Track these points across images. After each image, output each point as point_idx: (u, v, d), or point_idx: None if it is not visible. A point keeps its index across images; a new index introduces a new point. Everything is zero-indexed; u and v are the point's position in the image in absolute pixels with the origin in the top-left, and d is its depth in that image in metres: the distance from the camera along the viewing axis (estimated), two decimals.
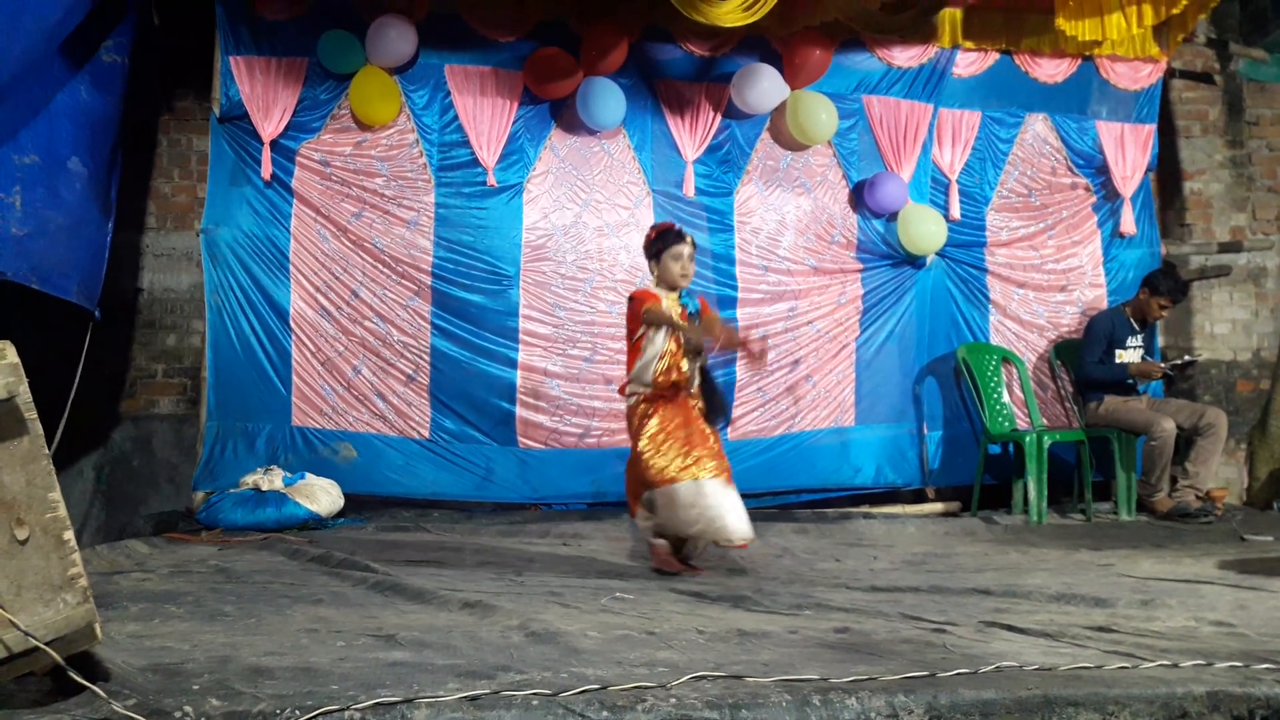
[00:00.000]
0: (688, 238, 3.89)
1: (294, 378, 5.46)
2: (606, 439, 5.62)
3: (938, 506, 5.87)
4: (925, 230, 5.92)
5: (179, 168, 5.85)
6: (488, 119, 5.64)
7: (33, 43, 4.52)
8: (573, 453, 5.62)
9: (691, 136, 5.84)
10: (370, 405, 5.51)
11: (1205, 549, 4.38)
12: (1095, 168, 6.36)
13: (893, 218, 6.01)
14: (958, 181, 6.14)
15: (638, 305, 3.83)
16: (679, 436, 3.68)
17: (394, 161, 5.61)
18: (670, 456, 3.65)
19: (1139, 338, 5.82)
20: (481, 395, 5.59)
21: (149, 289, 5.76)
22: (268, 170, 5.43)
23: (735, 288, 5.87)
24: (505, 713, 1.79)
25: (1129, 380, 5.76)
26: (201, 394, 5.45)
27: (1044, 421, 6.07)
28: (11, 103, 4.61)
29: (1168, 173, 6.55)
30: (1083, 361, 5.82)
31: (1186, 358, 6.11)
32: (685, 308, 3.92)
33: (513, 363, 5.61)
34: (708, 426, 3.80)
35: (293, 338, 5.47)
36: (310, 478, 5.09)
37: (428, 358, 5.57)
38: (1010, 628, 2.63)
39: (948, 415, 6.13)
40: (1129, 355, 5.77)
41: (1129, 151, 6.33)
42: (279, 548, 4.21)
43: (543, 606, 2.93)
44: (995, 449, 5.95)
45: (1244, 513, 5.73)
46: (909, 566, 4.04)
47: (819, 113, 5.78)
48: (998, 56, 6.18)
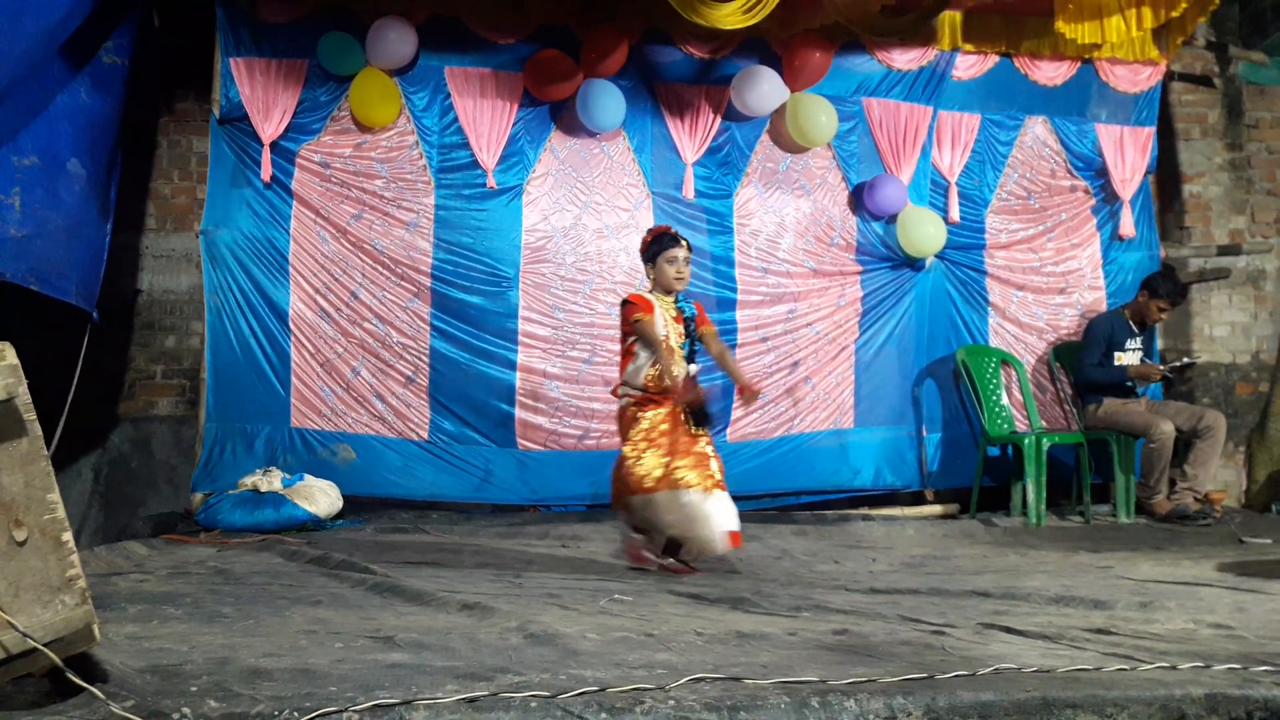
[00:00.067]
0: (683, 242, 3.91)
1: (293, 379, 5.46)
2: (606, 441, 5.61)
3: (936, 509, 5.87)
4: (924, 233, 5.93)
5: (179, 169, 5.85)
6: (487, 121, 5.65)
7: (33, 45, 4.52)
8: (572, 454, 5.62)
9: (691, 139, 5.84)
10: (369, 407, 5.51)
11: (1204, 551, 4.38)
12: (1094, 170, 6.36)
13: (892, 220, 6.01)
14: (957, 184, 6.15)
15: (630, 312, 3.85)
16: (662, 445, 3.72)
17: (394, 163, 5.61)
18: (649, 466, 3.70)
19: (1138, 340, 5.82)
20: (481, 397, 5.59)
21: (148, 290, 5.77)
22: (267, 172, 5.44)
23: (734, 290, 5.87)
24: (504, 714, 1.79)
25: (1128, 383, 5.77)
26: (200, 395, 5.45)
27: (1043, 424, 6.07)
28: (11, 104, 4.62)
29: (1167, 175, 6.56)
30: (1082, 364, 5.83)
31: (1185, 360, 6.11)
32: (681, 311, 3.92)
33: (512, 364, 5.61)
34: (699, 431, 3.79)
35: (292, 339, 5.47)
36: (309, 479, 5.09)
37: (427, 359, 5.57)
38: (1009, 630, 2.64)
39: (947, 417, 6.13)
40: (1128, 358, 5.77)
41: (1128, 154, 6.33)
42: (278, 549, 4.21)
43: (541, 608, 2.93)
44: (994, 451, 5.95)
45: (1243, 515, 5.73)
46: (908, 568, 4.04)
47: (819, 115, 5.79)
48: (997, 59, 6.19)
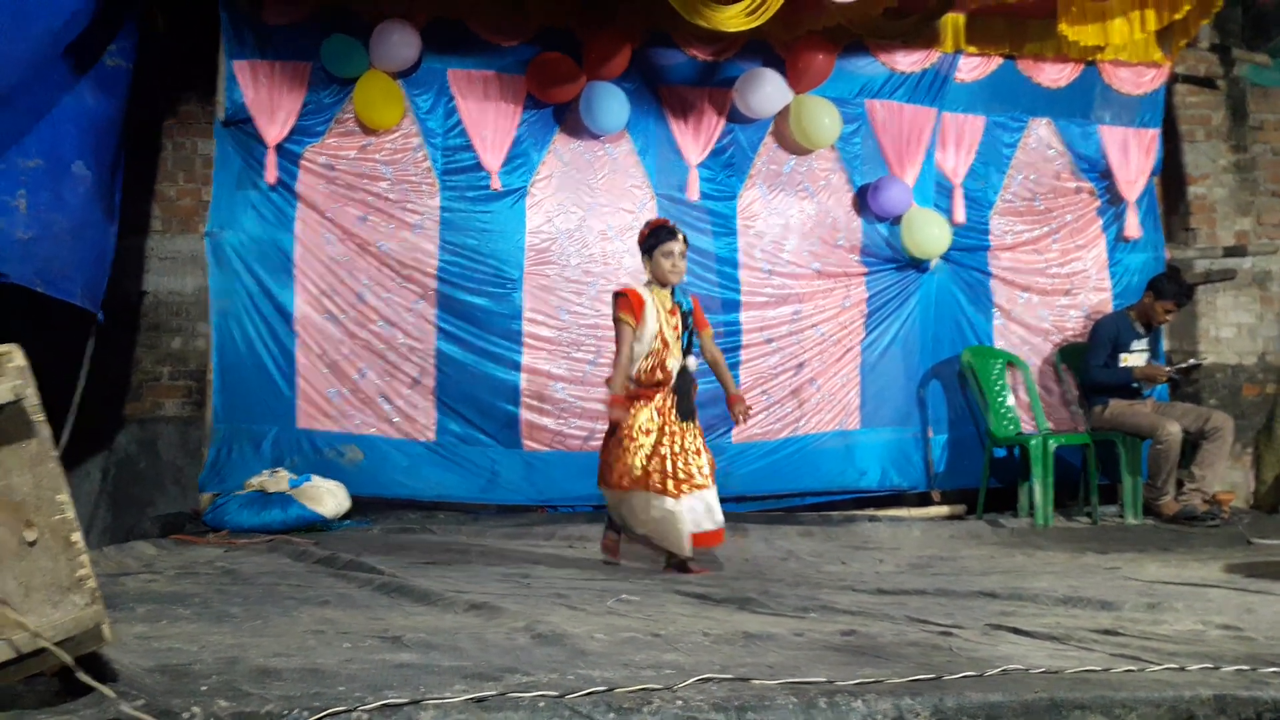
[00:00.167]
0: (680, 235, 3.93)
1: (299, 380, 5.47)
2: None
3: (943, 510, 5.87)
4: (929, 234, 5.92)
5: (184, 171, 5.86)
6: (491, 123, 5.65)
7: (37, 48, 4.54)
8: (577, 455, 5.61)
9: (695, 141, 5.84)
10: (376, 408, 5.52)
11: (1212, 552, 4.38)
12: (1099, 172, 6.36)
13: (897, 221, 6.01)
14: (962, 185, 6.15)
15: (619, 306, 3.89)
16: (645, 445, 3.78)
17: (398, 165, 5.61)
18: (630, 462, 3.76)
19: (1144, 341, 5.81)
20: (486, 398, 5.60)
21: (154, 292, 5.78)
22: (272, 174, 5.44)
23: (739, 291, 5.87)
24: (512, 714, 1.79)
25: (1134, 384, 5.76)
26: (207, 397, 5.46)
27: (1049, 425, 6.06)
28: (16, 107, 4.63)
29: (1172, 177, 6.55)
30: (1088, 365, 5.82)
31: (1191, 361, 6.11)
32: (679, 305, 3.95)
33: (517, 366, 5.62)
34: (687, 424, 3.83)
35: (297, 341, 5.47)
36: (316, 480, 5.09)
37: (433, 361, 5.57)
38: (1016, 630, 2.63)
39: (953, 418, 6.12)
40: (1134, 359, 5.76)
41: (1133, 156, 6.32)
42: (285, 549, 4.22)
43: (549, 608, 2.93)
44: (1000, 452, 5.94)
45: (1250, 516, 5.73)
46: (914, 569, 4.04)
47: (822, 117, 5.79)
48: (1001, 61, 6.18)
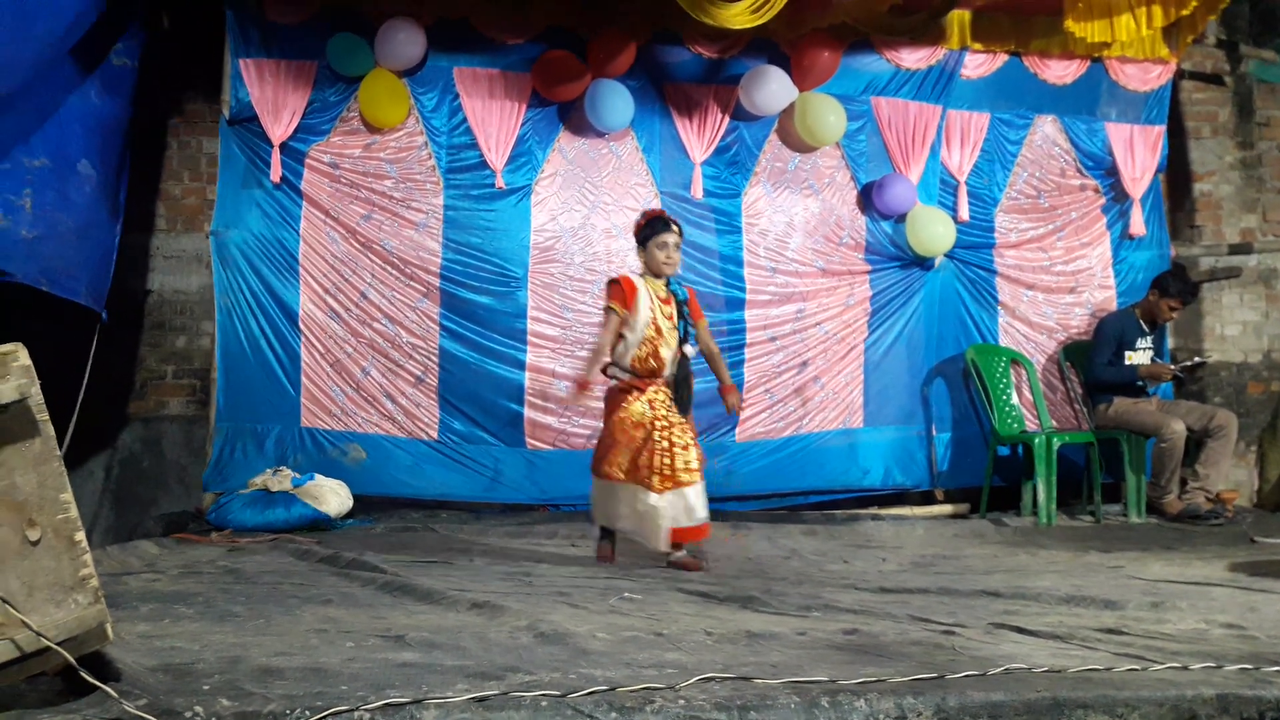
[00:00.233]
0: (674, 226, 3.97)
1: (303, 379, 5.48)
2: None
3: (946, 508, 5.86)
4: (934, 232, 5.91)
5: (189, 170, 5.87)
6: (496, 121, 5.65)
7: (44, 48, 4.54)
8: (581, 454, 5.59)
9: (699, 138, 5.84)
10: (379, 406, 5.53)
11: (1216, 551, 4.37)
12: (1104, 169, 6.34)
13: (901, 219, 6.00)
14: (966, 183, 6.14)
15: (610, 294, 3.95)
16: (637, 438, 3.84)
17: (403, 164, 5.62)
18: (620, 454, 3.84)
19: (1149, 339, 5.80)
20: (490, 397, 5.60)
21: (159, 291, 5.79)
22: (277, 173, 5.45)
23: (743, 289, 5.87)
24: (514, 713, 1.79)
25: (1139, 382, 5.75)
26: (211, 395, 5.47)
27: (1053, 423, 6.06)
28: (22, 107, 4.64)
29: (1177, 174, 6.53)
30: (1092, 363, 5.81)
31: (1196, 359, 6.09)
32: (674, 295, 3.98)
33: (521, 364, 5.62)
34: (678, 418, 3.86)
35: (302, 339, 5.48)
36: (319, 479, 5.10)
37: (436, 359, 5.58)
38: (1019, 630, 2.63)
39: (956, 417, 6.11)
40: (1139, 357, 5.75)
41: (1138, 153, 6.31)
42: (288, 548, 4.22)
43: (551, 607, 2.93)
44: (1004, 451, 5.93)
45: (1254, 515, 5.72)
46: (917, 568, 4.03)
47: (827, 114, 5.78)
48: (1006, 58, 6.17)
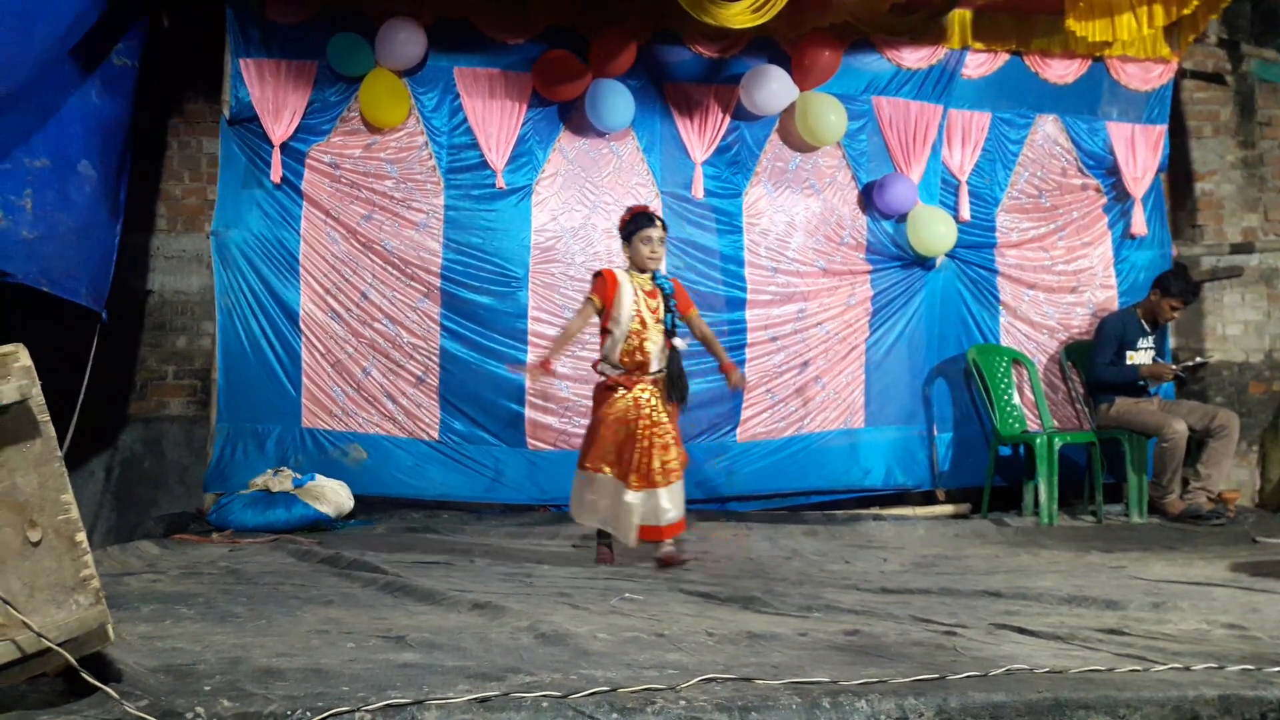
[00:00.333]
0: (658, 221, 4.03)
1: (304, 379, 5.48)
2: None
3: (948, 508, 5.86)
4: (935, 231, 5.91)
5: (189, 170, 5.87)
6: (496, 121, 5.65)
7: (45, 48, 4.54)
8: None
9: (700, 138, 5.84)
10: (380, 407, 5.53)
11: (1217, 551, 4.36)
12: (1106, 169, 6.34)
13: (902, 219, 6.00)
14: (968, 183, 6.13)
15: (592, 287, 4.02)
16: (620, 435, 3.90)
17: (403, 164, 5.62)
18: (602, 449, 3.90)
19: (1150, 339, 5.79)
20: (490, 397, 5.60)
21: (159, 291, 5.79)
22: (278, 173, 5.45)
23: (744, 289, 5.86)
24: (515, 714, 1.79)
25: (1140, 382, 5.74)
26: (212, 396, 5.47)
27: (1055, 423, 6.05)
28: (23, 107, 4.64)
29: (1179, 174, 6.53)
30: (1094, 363, 5.80)
31: (1198, 359, 6.09)
32: (660, 288, 4.03)
33: (522, 364, 5.62)
34: (663, 418, 3.91)
35: (303, 339, 5.48)
36: (320, 479, 5.10)
37: (437, 359, 5.58)
38: (1021, 630, 2.63)
39: (958, 417, 6.11)
40: (1140, 357, 5.74)
41: (1140, 152, 6.30)
42: (289, 549, 4.22)
43: (552, 608, 2.93)
44: (1006, 451, 5.93)
45: (1256, 515, 5.72)
46: (919, 568, 4.03)
47: (828, 114, 5.78)
48: (1007, 57, 6.17)
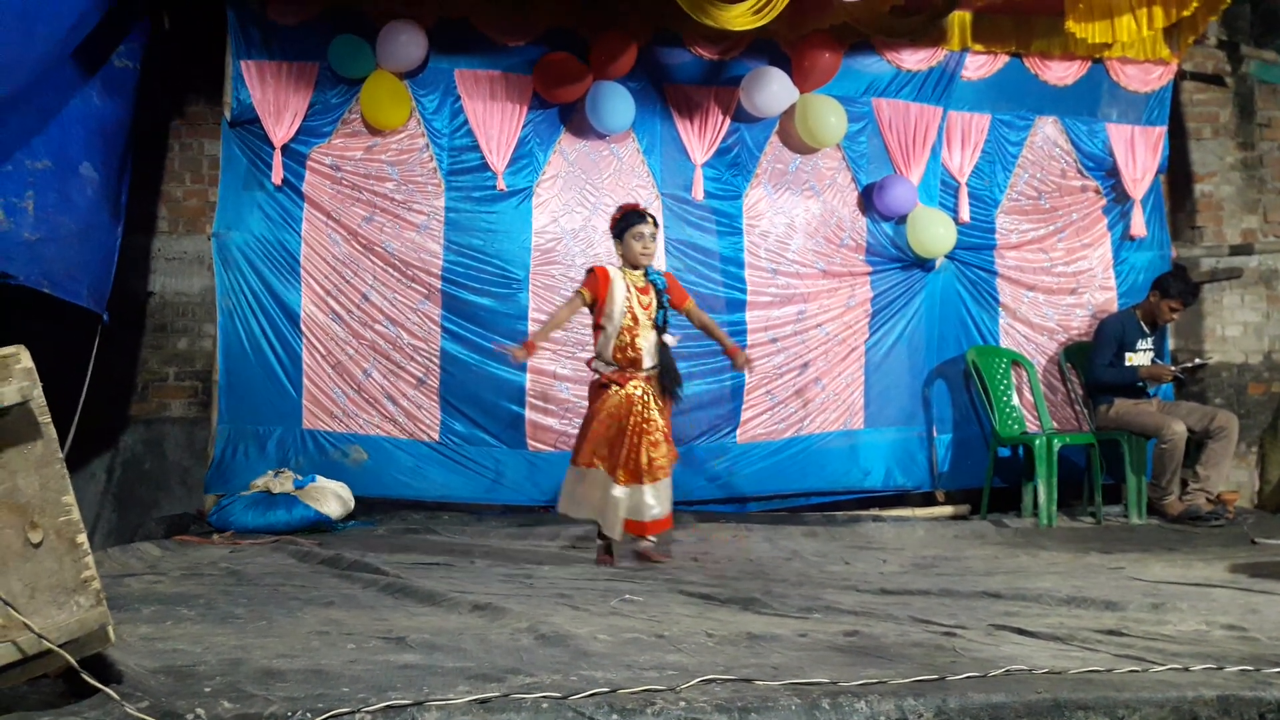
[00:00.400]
0: (649, 218, 4.08)
1: (305, 381, 5.48)
2: None
3: (947, 509, 5.86)
4: (934, 233, 5.91)
5: (190, 172, 5.88)
6: (497, 123, 5.66)
7: (46, 50, 4.55)
8: None
9: (700, 140, 5.84)
10: (380, 408, 5.53)
11: (1216, 552, 4.36)
12: (1105, 170, 6.34)
13: (902, 220, 6.00)
14: (967, 184, 6.14)
15: (584, 281, 4.08)
16: (611, 431, 3.96)
17: (404, 166, 5.62)
18: (594, 445, 3.98)
19: (1149, 340, 5.80)
20: (491, 398, 5.61)
21: (160, 292, 5.80)
22: (279, 174, 5.46)
23: (744, 291, 5.87)
24: (515, 715, 1.80)
25: (1139, 383, 5.75)
26: (213, 397, 5.47)
27: (1054, 424, 6.05)
28: (25, 109, 4.65)
29: (1178, 175, 6.53)
30: (1093, 364, 5.81)
31: (1197, 360, 6.09)
32: (653, 284, 4.08)
33: (522, 366, 5.61)
34: (654, 414, 3.97)
35: (303, 341, 5.49)
36: (321, 480, 5.11)
37: (437, 361, 5.58)
38: (1020, 631, 2.63)
39: (957, 418, 6.11)
40: (1139, 358, 5.74)
41: (1139, 154, 6.30)
42: (290, 550, 4.22)
43: (552, 609, 2.93)
44: (1005, 452, 5.93)
45: (1255, 516, 5.72)
46: (918, 569, 4.03)
47: (828, 116, 5.78)
48: (1007, 59, 6.17)
